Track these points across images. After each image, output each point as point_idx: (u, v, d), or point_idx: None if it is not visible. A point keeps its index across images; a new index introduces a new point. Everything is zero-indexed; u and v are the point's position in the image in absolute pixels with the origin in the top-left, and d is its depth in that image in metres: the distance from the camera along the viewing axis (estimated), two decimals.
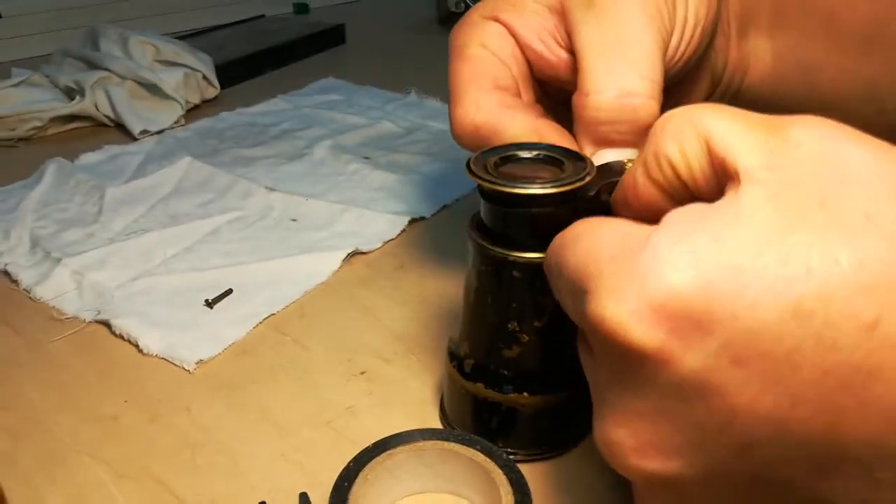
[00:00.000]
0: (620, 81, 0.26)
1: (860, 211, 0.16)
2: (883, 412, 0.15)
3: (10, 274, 0.45)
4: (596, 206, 0.26)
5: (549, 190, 0.25)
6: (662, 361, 0.17)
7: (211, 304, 0.41)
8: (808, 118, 0.17)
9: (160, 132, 0.66)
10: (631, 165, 0.26)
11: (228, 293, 0.42)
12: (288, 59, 0.87)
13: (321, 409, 0.34)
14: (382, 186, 0.55)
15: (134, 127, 0.65)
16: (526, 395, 0.29)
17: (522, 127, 0.28)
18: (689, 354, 0.16)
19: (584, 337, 0.22)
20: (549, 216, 0.26)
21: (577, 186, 0.25)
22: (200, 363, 0.37)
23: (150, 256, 0.46)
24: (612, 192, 0.27)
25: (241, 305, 0.41)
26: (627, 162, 0.27)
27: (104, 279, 0.43)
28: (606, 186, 0.26)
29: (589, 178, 0.25)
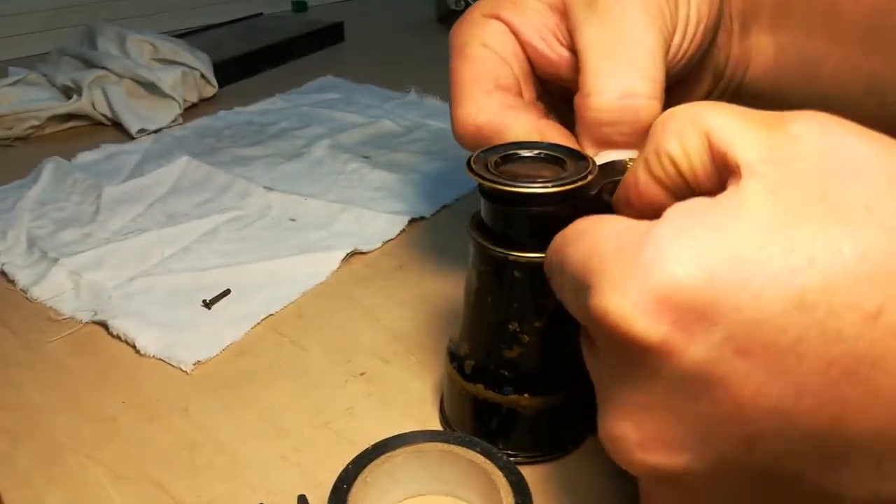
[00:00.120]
0: (622, 82, 0.26)
1: (861, 203, 0.16)
2: (888, 402, 0.15)
3: (6, 274, 0.45)
4: (597, 205, 0.26)
5: (550, 189, 0.24)
6: (666, 354, 0.17)
7: (209, 304, 0.41)
8: (807, 113, 0.18)
9: (158, 131, 0.65)
10: (632, 164, 0.26)
11: (226, 293, 0.42)
12: (286, 57, 0.87)
13: (320, 409, 0.34)
14: (382, 186, 0.55)
15: (131, 126, 0.64)
16: (526, 396, 0.29)
17: (525, 127, 0.28)
18: (692, 346, 0.16)
19: (586, 333, 0.22)
20: (550, 215, 0.26)
21: (578, 185, 0.25)
22: (198, 364, 0.37)
23: (147, 256, 0.46)
24: (613, 191, 0.27)
25: (239, 306, 0.41)
26: (629, 161, 0.27)
27: (101, 279, 0.43)
28: (608, 186, 0.26)
29: (591, 177, 0.25)
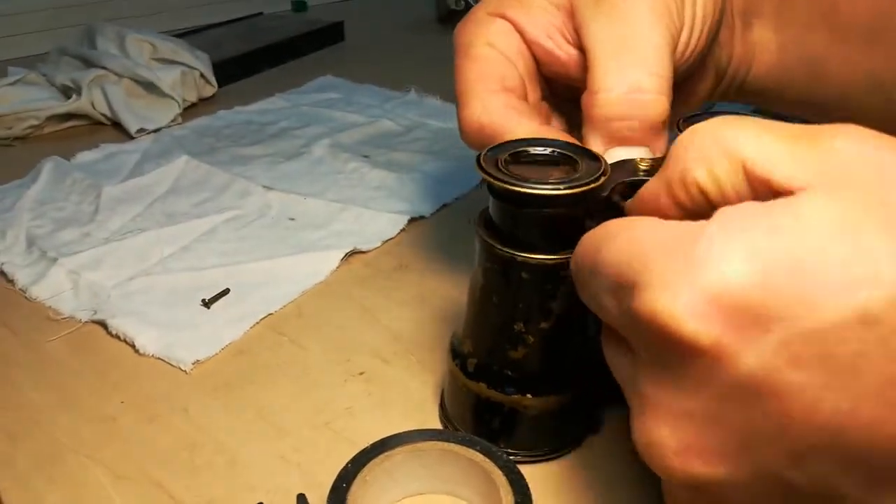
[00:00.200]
0: (630, 78, 0.26)
1: None
2: None
3: (6, 273, 0.45)
4: (609, 207, 0.26)
5: (562, 191, 0.24)
6: (716, 358, 0.16)
7: (208, 303, 0.41)
8: (845, 127, 0.17)
9: (157, 130, 0.65)
10: (645, 165, 0.26)
11: (225, 293, 0.42)
12: (286, 56, 0.87)
13: (320, 409, 0.34)
14: (381, 185, 0.54)
15: (131, 125, 0.64)
16: (529, 396, 0.29)
17: (527, 132, 0.28)
18: (746, 352, 0.16)
19: (613, 334, 0.21)
20: (561, 217, 0.25)
21: (591, 188, 0.24)
22: (198, 363, 0.37)
23: (146, 256, 0.46)
24: (623, 192, 0.27)
25: (238, 305, 0.41)
26: (640, 161, 0.26)
27: (100, 279, 0.43)
28: (618, 187, 0.26)
29: (604, 178, 0.24)
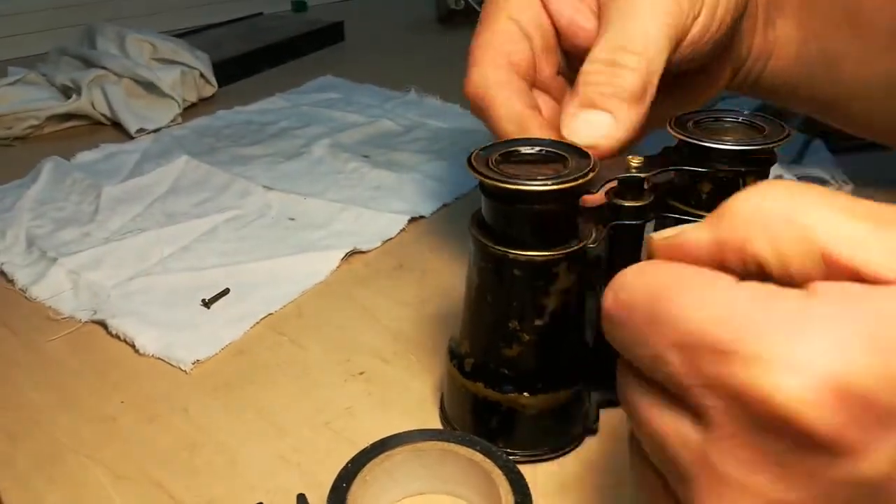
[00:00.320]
0: (615, 52, 0.28)
1: None
2: None
3: (5, 273, 0.45)
4: (607, 207, 0.26)
5: (550, 187, 0.24)
6: (837, 454, 0.15)
7: (208, 303, 0.41)
8: None
9: (157, 130, 0.65)
10: (636, 162, 0.26)
11: (225, 293, 0.42)
12: (286, 56, 0.87)
13: (319, 409, 0.34)
14: (381, 185, 0.54)
15: (130, 125, 0.64)
16: (526, 395, 0.29)
17: (507, 110, 0.30)
18: (873, 449, 0.15)
19: (660, 390, 0.18)
20: (551, 213, 0.25)
21: (579, 183, 0.24)
22: (197, 363, 0.37)
23: (146, 256, 0.46)
24: (617, 193, 0.27)
25: (238, 305, 0.41)
26: (631, 159, 0.26)
27: (100, 279, 0.43)
28: (611, 185, 0.26)
29: (592, 174, 0.25)
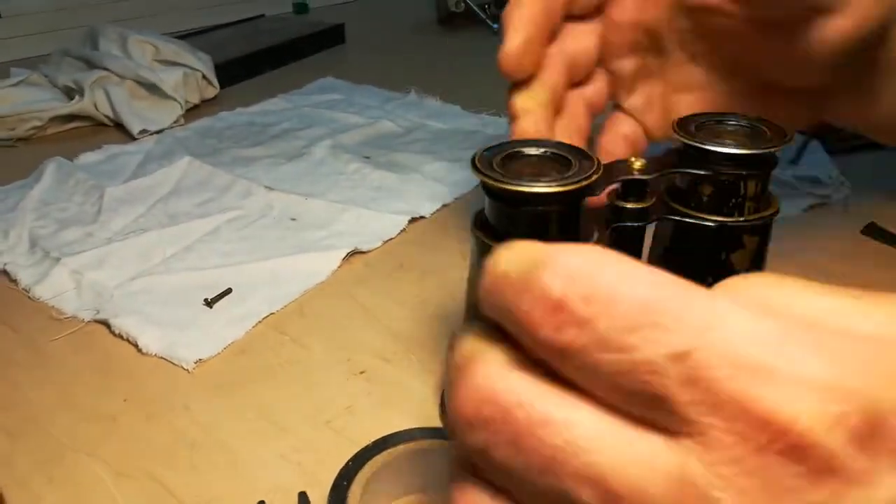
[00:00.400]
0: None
1: None
2: None
3: (9, 273, 0.45)
4: (609, 210, 0.26)
5: (553, 189, 0.24)
6: (850, 481, 0.14)
7: (210, 303, 0.41)
8: None
9: (159, 132, 0.66)
10: (639, 164, 0.27)
11: (227, 293, 0.42)
12: (287, 58, 0.87)
13: (320, 408, 0.34)
14: (382, 186, 0.55)
15: (133, 126, 0.65)
16: None
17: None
18: (887, 473, 0.14)
19: (626, 414, 0.15)
20: (554, 215, 0.25)
21: (582, 185, 0.24)
22: (199, 362, 0.37)
23: (149, 256, 0.46)
24: (619, 195, 0.27)
25: (240, 305, 0.41)
26: (635, 162, 0.27)
27: (103, 278, 0.43)
28: (613, 187, 0.26)
29: (596, 176, 0.25)
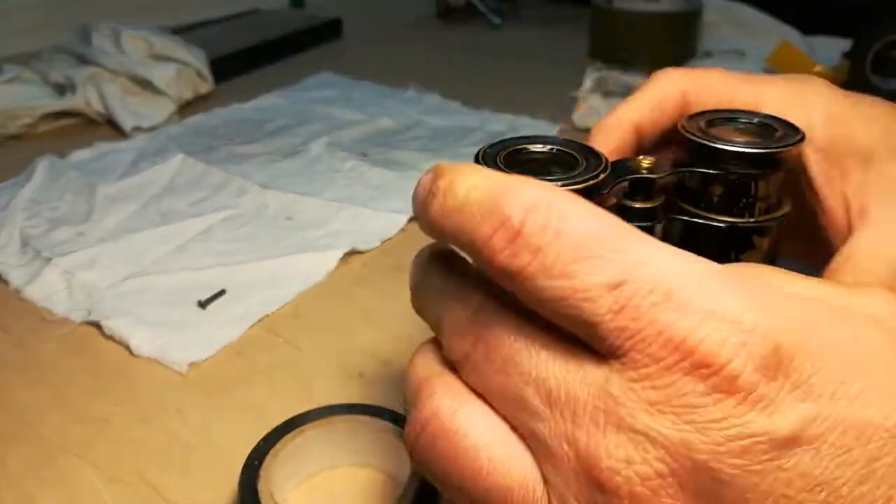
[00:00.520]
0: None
1: None
2: None
3: (0, 274, 0.44)
4: (616, 209, 0.25)
5: (560, 187, 0.24)
6: (754, 403, 0.15)
7: (203, 305, 0.40)
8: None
9: (153, 128, 0.65)
10: (647, 163, 0.26)
11: (221, 294, 0.41)
12: (283, 53, 0.86)
13: None
14: (380, 184, 0.54)
15: (126, 123, 0.64)
16: None
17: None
18: (786, 406, 0.15)
19: (559, 332, 0.17)
20: None
21: (591, 184, 0.24)
22: (193, 365, 0.36)
23: (141, 256, 0.45)
24: (627, 194, 0.27)
25: (234, 306, 0.41)
26: (643, 160, 0.26)
27: (95, 279, 0.43)
28: (621, 186, 0.26)
29: (603, 175, 0.24)
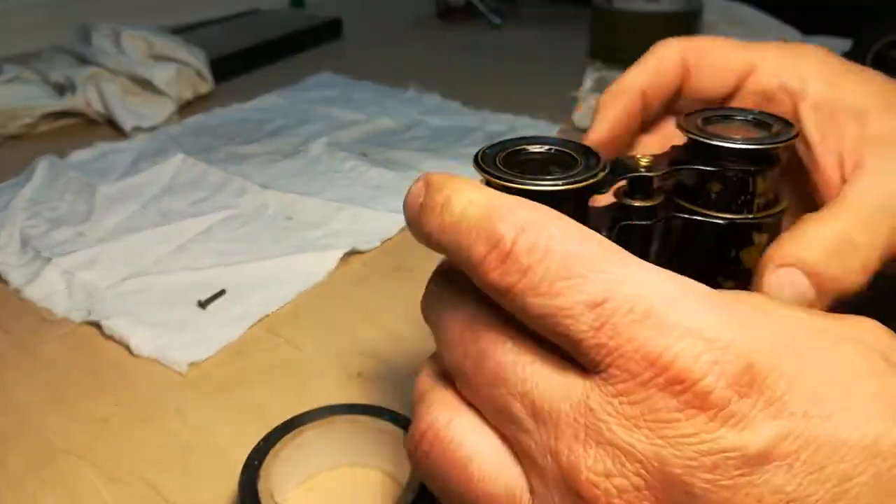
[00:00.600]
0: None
1: None
2: None
3: (0, 274, 0.44)
4: (618, 207, 0.25)
5: (560, 187, 0.23)
6: (726, 420, 0.16)
7: (203, 304, 0.40)
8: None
9: (153, 128, 0.65)
10: (645, 161, 0.26)
11: (221, 294, 0.41)
12: (283, 53, 0.86)
13: None
14: (380, 184, 0.54)
15: (126, 123, 0.64)
16: None
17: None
18: (759, 423, 0.15)
19: (550, 347, 0.19)
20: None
21: (589, 183, 0.23)
22: (193, 365, 0.36)
23: (141, 256, 0.45)
24: (626, 192, 0.27)
25: (234, 306, 0.41)
26: (641, 158, 0.26)
27: (95, 279, 0.43)
28: (621, 190, 0.26)
29: (602, 174, 0.24)
